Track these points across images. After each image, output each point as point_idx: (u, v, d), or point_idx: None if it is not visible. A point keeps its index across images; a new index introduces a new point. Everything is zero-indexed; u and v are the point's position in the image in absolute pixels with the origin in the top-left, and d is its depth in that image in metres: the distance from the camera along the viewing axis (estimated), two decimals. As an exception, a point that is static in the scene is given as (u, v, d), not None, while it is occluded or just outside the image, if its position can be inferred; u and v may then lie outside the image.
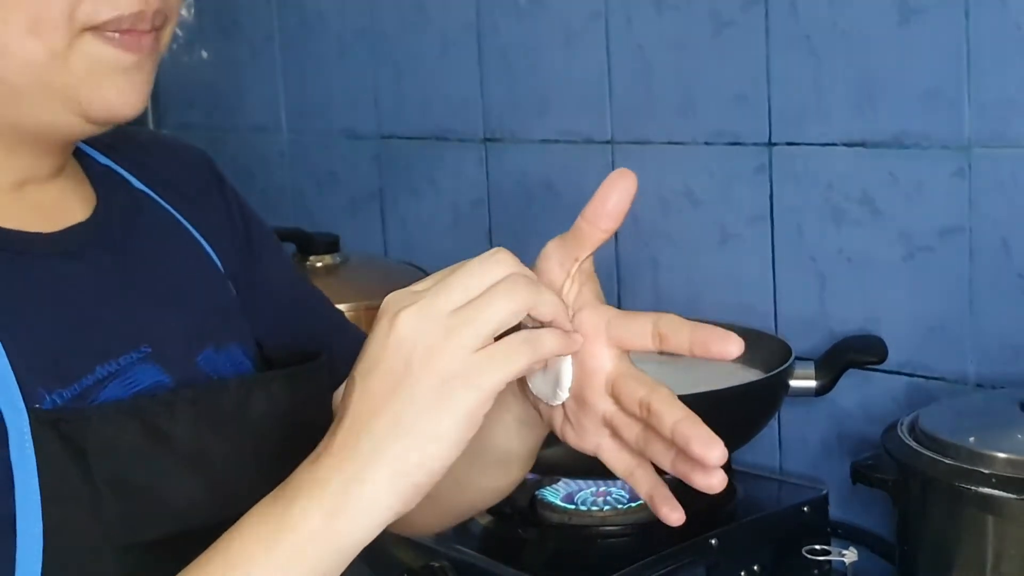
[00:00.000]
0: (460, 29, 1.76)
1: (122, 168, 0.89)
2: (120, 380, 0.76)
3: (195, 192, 0.93)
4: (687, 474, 0.68)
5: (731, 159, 1.48)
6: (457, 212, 1.81)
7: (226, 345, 0.85)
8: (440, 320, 0.64)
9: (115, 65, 0.75)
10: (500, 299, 0.65)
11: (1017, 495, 0.99)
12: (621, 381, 0.72)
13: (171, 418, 0.75)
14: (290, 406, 0.82)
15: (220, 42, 2.21)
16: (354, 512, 0.64)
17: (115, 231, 0.84)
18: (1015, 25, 1.24)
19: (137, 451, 0.73)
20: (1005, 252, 1.28)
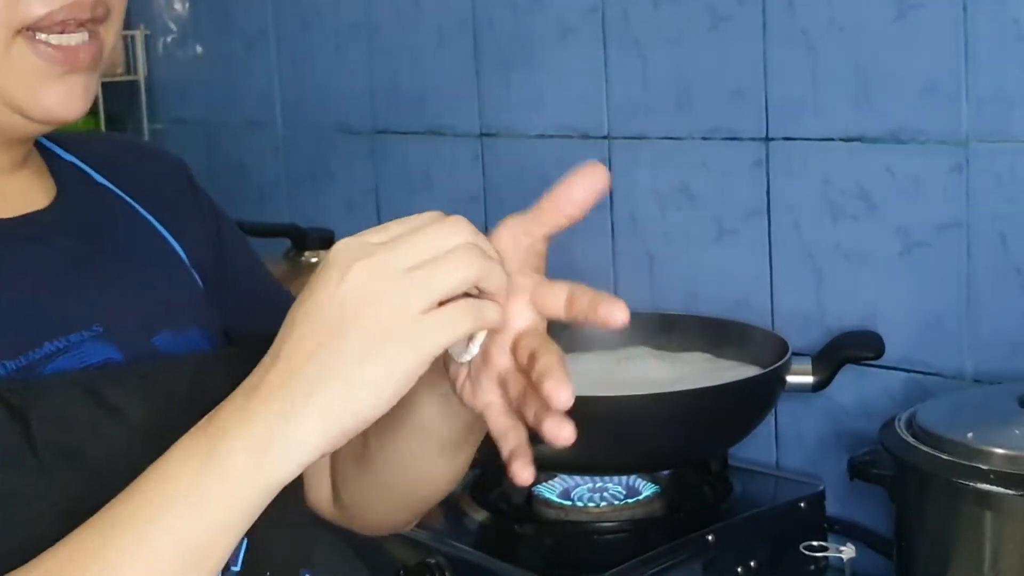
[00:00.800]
0: (456, 24, 1.76)
1: (87, 165, 0.90)
2: (69, 355, 0.76)
3: (164, 194, 0.93)
4: (539, 422, 0.71)
5: (728, 154, 1.48)
6: (453, 207, 1.79)
7: (186, 329, 0.85)
8: (393, 276, 0.65)
9: (46, 73, 0.76)
10: (455, 266, 0.66)
11: (1015, 491, 0.99)
12: (523, 337, 0.74)
13: (121, 391, 0.75)
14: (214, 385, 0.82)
15: (214, 37, 2.21)
16: (279, 450, 0.64)
17: (74, 217, 0.85)
18: (1012, 19, 1.24)
19: (84, 422, 0.73)
20: (1003, 247, 1.28)
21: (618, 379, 1.39)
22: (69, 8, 0.75)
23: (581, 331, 1.52)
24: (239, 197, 2.16)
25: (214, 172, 2.22)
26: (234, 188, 2.17)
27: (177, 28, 2.30)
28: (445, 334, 0.66)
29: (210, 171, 2.23)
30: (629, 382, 1.37)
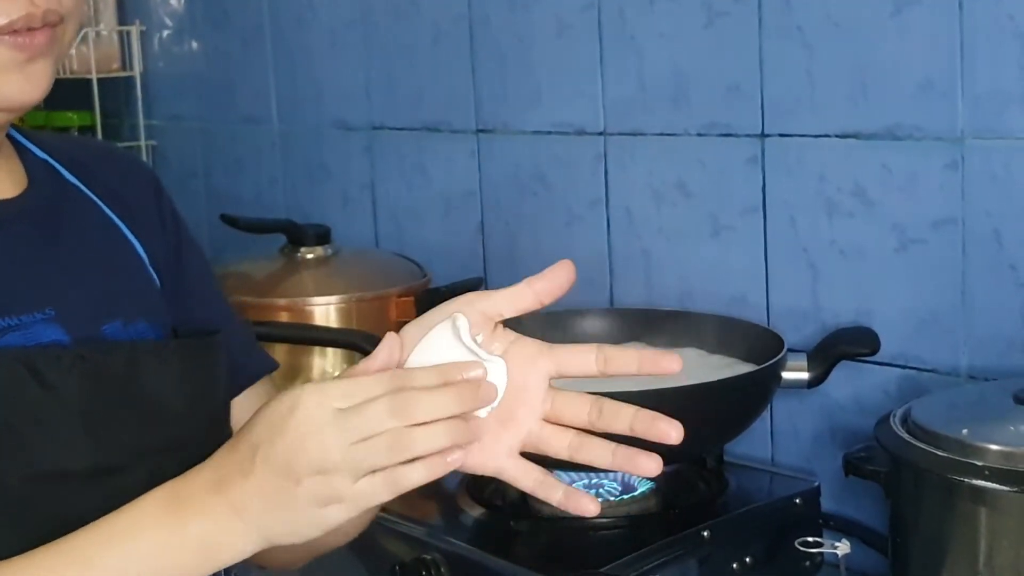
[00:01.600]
0: (452, 20, 1.76)
1: (58, 163, 0.94)
2: (18, 333, 0.82)
3: (130, 197, 0.98)
4: (629, 459, 0.82)
5: (724, 150, 1.48)
6: (449, 204, 1.81)
7: (135, 320, 0.90)
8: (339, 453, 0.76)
9: (10, 64, 0.82)
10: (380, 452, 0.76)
11: (1010, 487, 0.99)
12: (561, 398, 0.84)
13: (58, 369, 0.80)
14: (180, 374, 0.87)
15: (210, 34, 2.21)
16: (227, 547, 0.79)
17: (40, 210, 0.89)
18: (1008, 16, 1.24)
19: (18, 395, 0.79)
20: (998, 244, 1.28)
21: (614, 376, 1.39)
22: (23, 19, 0.81)
23: (575, 327, 1.53)
24: (235, 193, 2.16)
25: (210, 168, 2.22)
26: (230, 184, 2.17)
27: (173, 24, 2.30)
28: (373, 499, 0.77)
29: (206, 167, 2.23)
30: (624, 378, 1.37)
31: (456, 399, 0.78)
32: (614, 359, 0.83)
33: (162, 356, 0.87)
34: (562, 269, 0.85)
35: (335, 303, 1.66)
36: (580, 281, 1.74)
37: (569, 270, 0.85)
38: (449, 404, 0.77)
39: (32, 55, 0.82)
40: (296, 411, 0.76)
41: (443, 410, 0.77)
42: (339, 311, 1.66)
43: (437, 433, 0.76)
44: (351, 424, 0.76)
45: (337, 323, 1.65)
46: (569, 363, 0.84)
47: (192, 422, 0.88)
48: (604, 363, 0.83)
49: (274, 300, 1.67)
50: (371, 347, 1.42)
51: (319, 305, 1.65)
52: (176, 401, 0.87)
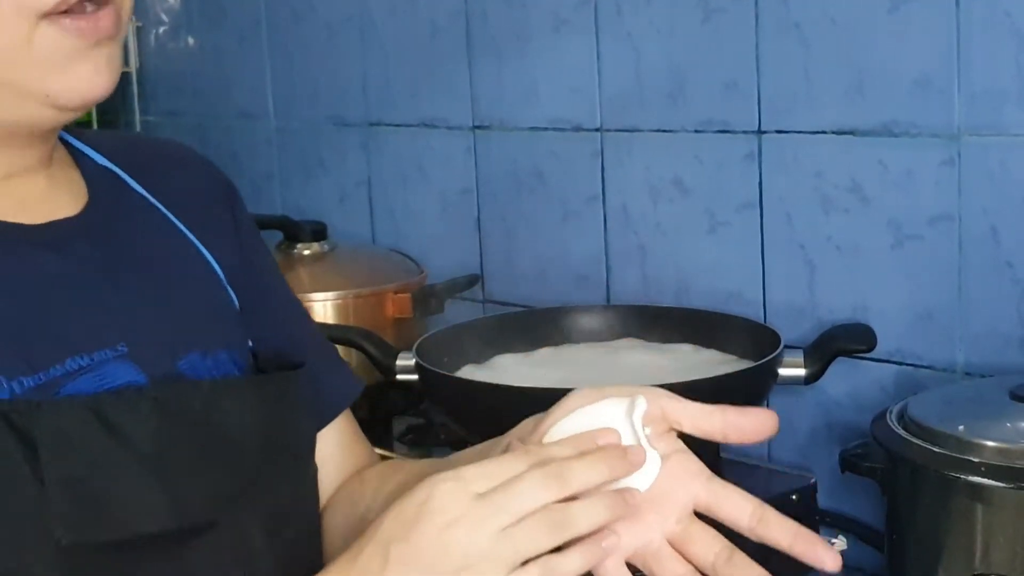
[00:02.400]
0: (449, 16, 1.75)
1: (121, 170, 0.87)
2: (91, 375, 0.74)
3: (203, 207, 0.91)
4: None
5: (720, 147, 1.48)
6: (445, 200, 1.81)
7: (215, 351, 0.83)
8: (486, 542, 0.68)
9: (75, 52, 0.73)
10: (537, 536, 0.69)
11: (1006, 484, 0.99)
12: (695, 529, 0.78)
13: (133, 416, 0.73)
14: (261, 415, 0.80)
15: (207, 29, 2.20)
16: None
17: (104, 227, 0.82)
18: (1004, 13, 1.24)
19: (92, 448, 0.71)
20: (994, 240, 1.28)
21: (610, 372, 1.39)
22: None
23: (571, 323, 1.53)
24: (231, 189, 2.16)
25: (206, 164, 2.22)
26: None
27: (169, 20, 2.30)
28: None
29: (202, 163, 2.23)
30: (621, 375, 1.37)
31: (607, 465, 0.72)
32: (769, 524, 0.77)
33: (243, 396, 0.79)
34: (766, 418, 0.79)
35: (332, 299, 1.66)
36: (576, 277, 1.75)
37: (773, 424, 0.79)
38: (602, 469, 0.71)
39: (98, 39, 0.74)
40: (431, 502, 0.69)
41: (598, 476, 0.71)
42: (336, 307, 1.66)
43: (596, 506, 0.70)
44: (497, 505, 0.68)
45: (334, 319, 1.65)
46: (723, 502, 0.78)
47: (273, 467, 0.80)
48: (758, 522, 0.77)
49: (270, 296, 1.67)
50: (368, 343, 1.43)
51: (316, 301, 1.64)
52: (257, 444, 0.79)
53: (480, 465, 0.70)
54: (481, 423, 1.34)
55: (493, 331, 1.50)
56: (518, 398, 1.27)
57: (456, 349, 1.46)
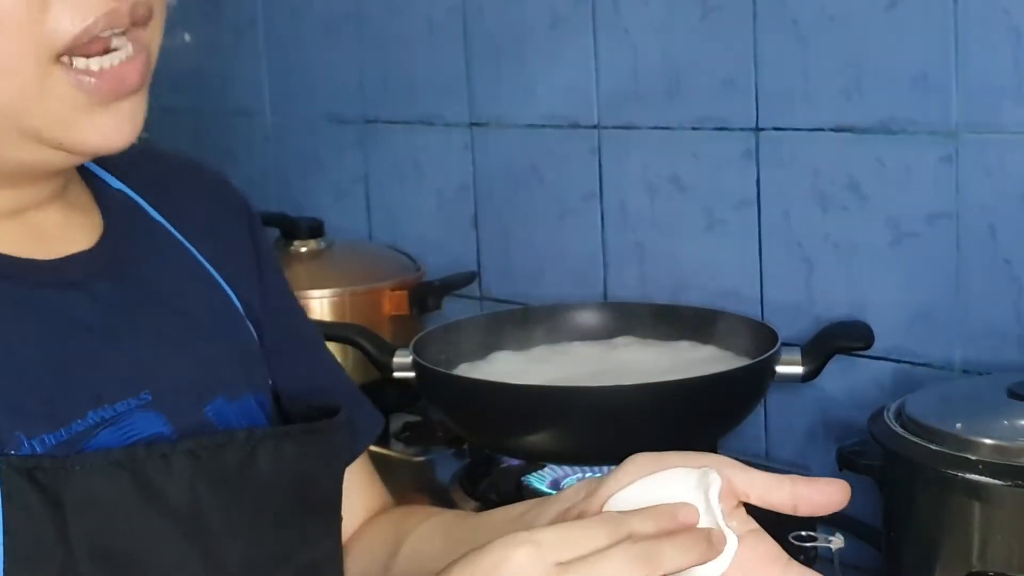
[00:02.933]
0: (446, 13, 1.75)
1: (137, 194, 0.81)
2: (115, 428, 0.70)
3: (220, 231, 0.85)
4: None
5: (718, 144, 1.48)
6: (442, 197, 1.81)
7: (240, 395, 0.78)
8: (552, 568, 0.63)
9: (90, 105, 0.67)
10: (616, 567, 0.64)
11: (1003, 481, 0.99)
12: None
13: (166, 472, 0.68)
14: (298, 467, 0.75)
15: (203, 25, 2.20)
16: None
17: (121, 262, 0.76)
18: (1003, 10, 1.24)
19: (123, 509, 0.66)
20: (992, 238, 1.28)
21: (607, 369, 1.39)
22: (106, 18, 0.67)
23: (568, 320, 1.52)
24: (228, 186, 2.16)
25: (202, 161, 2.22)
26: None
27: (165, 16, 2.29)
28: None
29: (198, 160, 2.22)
30: (618, 372, 1.37)
31: (695, 550, 0.67)
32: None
33: (280, 447, 0.73)
34: (838, 489, 0.74)
35: (328, 296, 1.66)
36: (574, 274, 1.75)
37: (845, 494, 0.74)
38: (690, 554, 0.66)
39: (120, 95, 0.68)
40: (506, 566, 0.63)
41: (686, 560, 0.66)
42: (332, 304, 1.66)
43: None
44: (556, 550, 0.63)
45: (330, 316, 1.65)
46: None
47: (309, 520, 0.76)
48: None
49: (267, 293, 1.67)
50: (364, 341, 1.43)
51: (312, 298, 1.64)
52: (294, 498, 0.74)
53: (557, 529, 0.65)
54: (478, 421, 1.34)
55: (490, 328, 1.50)
56: (515, 395, 1.27)
57: (453, 346, 1.45)
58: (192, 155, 0.97)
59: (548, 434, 1.28)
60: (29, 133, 0.68)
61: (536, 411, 1.26)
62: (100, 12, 0.66)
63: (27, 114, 0.67)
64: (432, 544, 0.86)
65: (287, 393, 0.84)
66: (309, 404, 0.82)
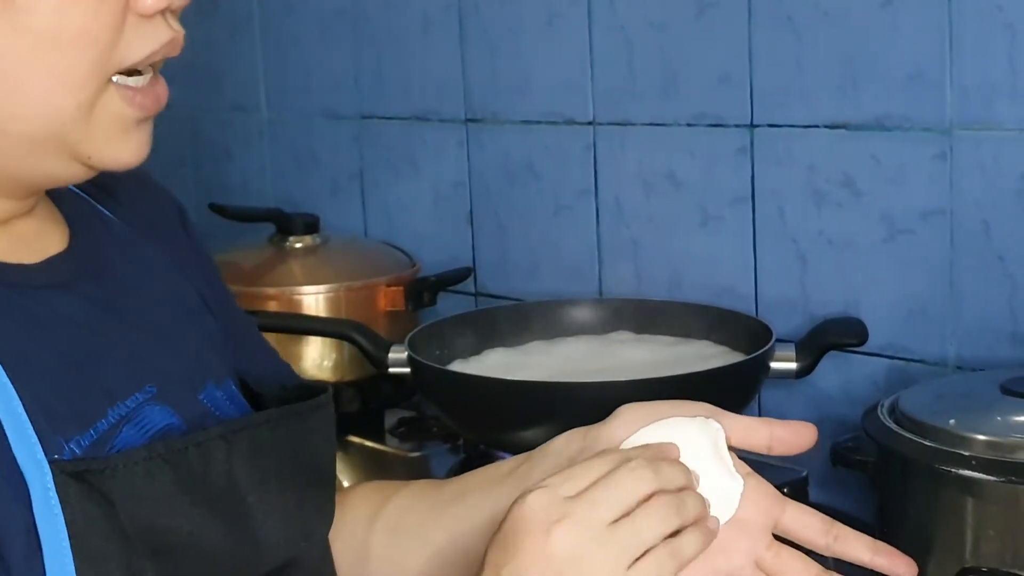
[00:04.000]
0: (442, 9, 1.75)
1: (91, 197, 0.83)
2: (133, 424, 0.71)
3: (163, 228, 0.88)
4: None
5: (713, 141, 1.48)
6: (438, 193, 1.81)
7: (224, 380, 0.81)
8: (597, 536, 0.66)
9: (132, 123, 0.72)
10: (654, 519, 0.68)
11: (997, 477, 1.00)
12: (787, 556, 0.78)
13: (204, 461, 0.70)
14: (309, 443, 0.79)
15: (199, 21, 2.19)
16: None
17: (96, 261, 0.78)
18: (997, 7, 1.24)
19: (170, 498, 0.68)
20: (986, 235, 1.28)
21: (602, 365, 1.39)
22: (167, 47, 0.72)
23: (563, 316, 1.53)
24: (223, 182, 2.16)
25: (199, 157, 2.22)
26: (218, 173, 2.17)
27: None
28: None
29: (195, 156, 2.22)
30: (613, 368, 1.37)
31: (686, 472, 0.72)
32: (845, 539, 0.78)
33: (294, 425, 0.77)
34: (807, 430, 0.80)
35: (324, 292, 1.66)
36: (569, 270, 1.75)
37: (813, 436, 0.81)
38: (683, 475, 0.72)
39: (153, 112, 0.73)
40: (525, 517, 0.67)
41: (686, 476, 0.72)
42: (328, 300, 1.66)
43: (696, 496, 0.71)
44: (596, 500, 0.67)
45: (326, 312, 1.65)
46: (797, 523, 0.79)
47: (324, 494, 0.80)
48: (834, 540, 0.78)
49: (263, 289, 1.67)
50: (360, 336, 1.43)
51: (308, 294, 1.64)
52: (314, 474, 0.78)
53: (561, 474, 0.69)
54: (473, 416, 1.34)
55: (485, 324, 1.50)
56: (510, 391, 1.27)
57: (448, 342, 1.46)
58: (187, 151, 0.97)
59: (543, 429, 1.27)
60: (65, 147, 0.70)
61: (531, 407, 1.26)
62: (165, 40, 0.71)
63: (76, 129, 0.70)
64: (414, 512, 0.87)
65: (251, 377, 0.86)
66: (282, 385, 0.84)
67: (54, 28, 0.67)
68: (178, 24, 0.73)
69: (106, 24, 0.68)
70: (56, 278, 0.74)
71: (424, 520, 0.86)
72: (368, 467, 1.55)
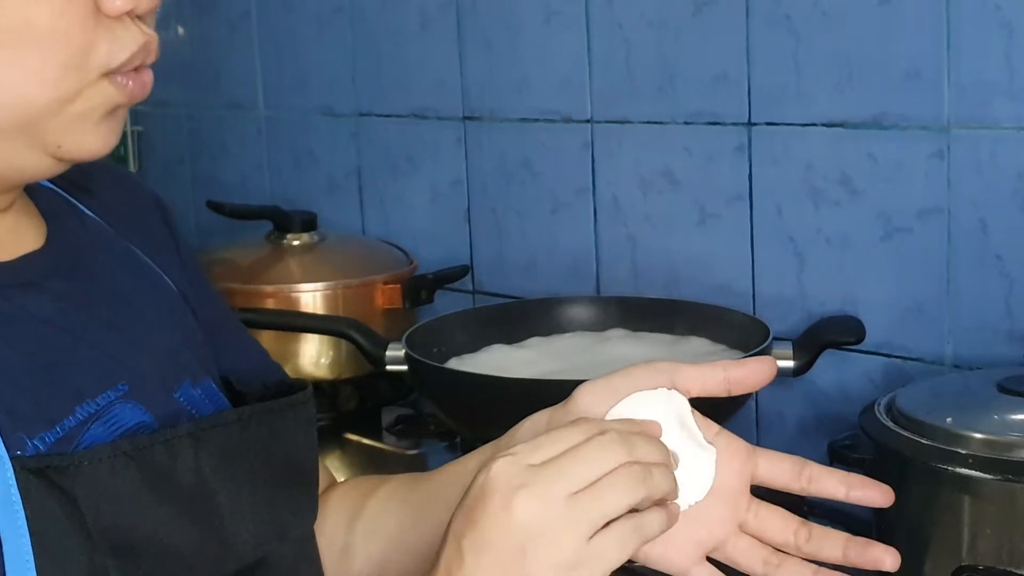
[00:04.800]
0: (439, 6, 1.75)
1: (68, 194, 0.82)
2: (102, 422, 0.71)
3: (143, 226, 0.87)
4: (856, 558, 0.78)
5: (710, 139, 1.48)
6: (435, 191, 1.81)
7: (201, 379, 0.80)
8: (559, 505, 0.65)
9: (107, 111, 0.71)
10: (618, 490, 0.67)
11: (993, 475, 1.00)
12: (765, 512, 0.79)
13: (171, 458, 0.69)
14: (284, 441, 0.78)
15: (197, 19, 2.20)
16: None
17: (71, 259, 0.77)
18: (994, 6, 1.24)
19: (135, 497, 0.67)
20: (983, 233, 1.28)
21: (599, 362, 1.39)
22: (142, 52, 0.73)
23: (561, 314, 1.53)
24: (221, 179, 2.16)
25: (196, 154, 2.22)
26: (216, 170, 2.17)
27: (159, 10, 2.29)
28: (615, 556, 0.67)
29: (192, 154, 2.22)
30: (610, 366, 1.36)
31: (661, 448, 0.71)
32: (819, 479, 0.79)
33: (267, 424, 0.76)
34: (764, 364, 0.80)
35: (321, 290, 1.66)
36: (566, 268, 1.75)
37: (772, 368, 0.80)
38: (656, 450, 0.71)
39: (138, 99, 0.72)
40: (488, 482, 0.67)
41: (658, 452, 0.71)
42: (325, 298, 1.66)
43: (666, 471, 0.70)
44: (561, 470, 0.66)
45: (323, 310, 1.65)
46: (771, 472, 0.79)
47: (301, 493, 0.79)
48: (808, 481, 0.79)
49: (260, 287, 1.67)
50: (357, 334, 1.43)
51: (305, 292, 1.64)
52: (288, 473, 0.77)
53: (532, 441, 0.68)
54: (470, 414, 1.34)
55: (483, 322, 1.50)
56: (507, 389, 1.27)
57: (446, 340, 1.46)
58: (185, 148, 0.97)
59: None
60: (34, 137, 0.70)
61: (528, 404, 1.25)
62: (140, 43, 0.72)
63: (45, 119, 0.69)
64: (391, 514, 0.87)
65: (234, 375, 0.85)
66: (264, 383, 0.84)
67: (19, 25, 0.67)
68: (151, 29, 0.74)
69: (73, 23, 0.68)
70: (27, 276, 0.73)
71: (401, 522, 0.86)
72: (365, 465, 1.55)
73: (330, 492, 0.92)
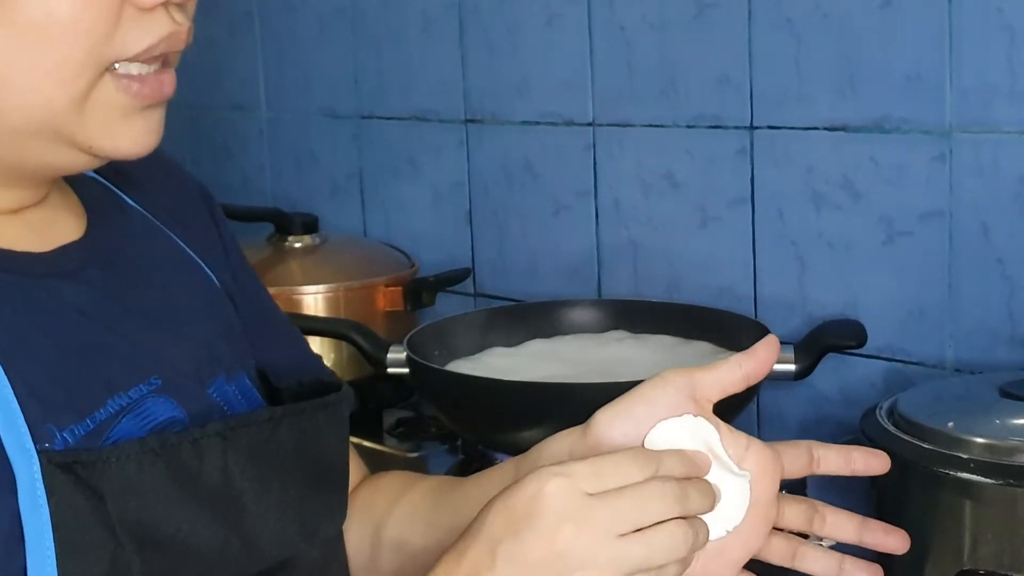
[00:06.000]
0: (441, 8, 1.75)
1: (110, 183, 0.82)
2: (134, 415, 0.70)
3: (188, 215, 0.87)
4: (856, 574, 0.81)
5: (712, 142, 1.48)
6: (437, 193, 1.81)
7: (236, 373, 0.80)
8: (604, 547, 0.65)
9: (130, 111, 0.70)
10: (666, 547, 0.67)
11: (994, 480, 1.00)
12: (783, 503, 0.79)
13: (198, 456, 0.69)
14: (315, 442, 0.77)
15: (198, 19, 2.19)
16: None
17: (109, 249, 0.77)
18: (997, 9, 1.24)
19: (162, 494, 0.67)
20: (985, 237, 1.28)
21: (601, 365, 1.39)
22: (167, 41, 0.70)
23: (562, 317, 1.53)
24: (222, 181, 2.16)
25: (198, 156, 2.22)
26: (217, 172, 2.17)
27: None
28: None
29: (194, 155, 2.22)
30: (612, 368, 1.37)
31: (710, 495, 0.71)
32: (826, 460, 0.81)
33: (299, 424, 0.76)
34: (770, 345, 0.79)
35: (323, 292, 1.66)
36: (568, 271, 1.75)
37: (777, 347, 0.79)
38: (707, 500, 0.70)
39: (156, 101, 0.71)
40: (541, 499, 0.65)
41: (710, 504, 0.70)
42: (327, 300, 1.66)
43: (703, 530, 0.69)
44: (615, 510, 0.65)
45: (325, 312, 1.65)
46: (790, 467, 0.80)
47: (331, 495, 0.79)
48: (818, 464, 0.81)
49: (261, 288, 1.67)
50: (358, 336, 1.43)
51: (307, 294, 1.64)
52: (318, 474, 0.77)
53: (591, 463, 0.67)
54: (472, 416, 1.34)
55: (484, 324, 1.50)
56: (509, 391, 1.27)
57: (447, 342, 1.46)
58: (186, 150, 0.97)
59: (541, 430, 1.27)
60: (63, 137, 0.69)
61: (529, 407, 1.26)
62: (164, 33, 0.70)
63: (70, 119, 0.69)
64: (416, 531, 0.87)
65: (271, 369, 0.85)
66: (299, 381, 0.83)
67: (42, 21, 0.66)
68: (184, 17, 0.72)
69: (98, 16, 0.67)
70: (64, 266, 0.73)
71: (427, 545, 0.85)
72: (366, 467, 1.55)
73: (358, 493, 0.92)
